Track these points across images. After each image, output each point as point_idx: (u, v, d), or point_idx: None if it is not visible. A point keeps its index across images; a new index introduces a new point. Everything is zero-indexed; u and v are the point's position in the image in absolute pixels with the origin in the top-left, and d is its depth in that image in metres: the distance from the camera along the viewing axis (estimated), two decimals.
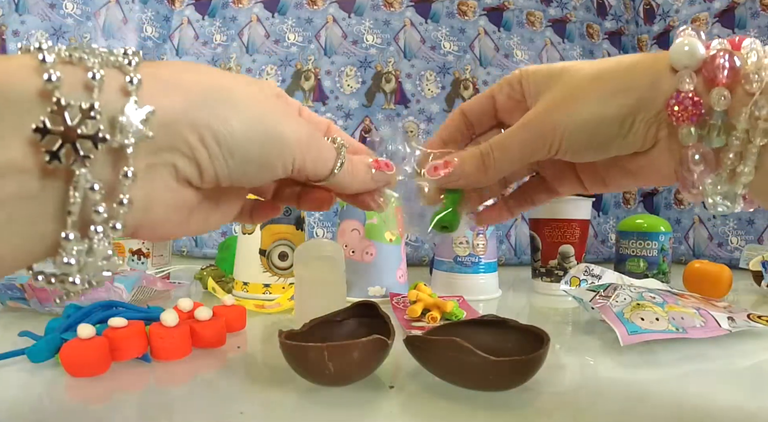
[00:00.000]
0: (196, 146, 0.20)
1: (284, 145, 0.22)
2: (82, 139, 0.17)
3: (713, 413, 0.29)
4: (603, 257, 1.05)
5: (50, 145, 0.16)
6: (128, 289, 0.48)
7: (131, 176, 0.18)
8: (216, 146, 0.20)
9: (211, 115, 0.20)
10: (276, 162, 0.22)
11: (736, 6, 1.02)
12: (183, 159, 0.20)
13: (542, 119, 0.25)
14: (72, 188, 0.17)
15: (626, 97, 0.23)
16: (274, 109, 0.22)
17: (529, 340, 0.31)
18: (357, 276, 0.59)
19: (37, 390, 0.30)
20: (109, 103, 0.18)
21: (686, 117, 0.22)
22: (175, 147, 0.19)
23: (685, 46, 0.22)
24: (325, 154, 0.24)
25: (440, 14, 1.06)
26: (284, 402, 0.28)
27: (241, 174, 0.22)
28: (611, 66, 0.24)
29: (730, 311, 0.46)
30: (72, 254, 0.18)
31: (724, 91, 0.22)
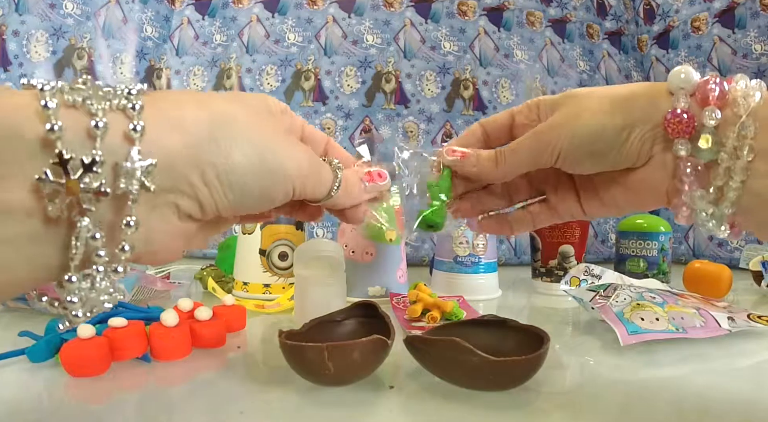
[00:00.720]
0: (197, 185, 0.20)
1: (285, 176, 0.23)
2: (85, 193, 0.17)
3: (713, 413, 0.29)
4: (603, 257, 1.05)
5: (52, 196, 0.17)
6: (128, 289, 0.48)
7: (133, 225, 0.18)
8: (218, 182, 0.21)
9: (213, 152, 0.20)
10: (276, 193, 0.23)
11: (736, 6, 1.02)
12: (185, 198, 0.20)
13: (550, 128, 0.27)
14: (74, 238, 0.17)
15: (626, 112, 0.26)
16: (276, 139, 0.23)
17: (529, 340, 0.31)
18: (357, 276, 0.59)
19: (37, 390, 0.30)
20: (112, 150, 0.18)
21: (681, 130, 0.24)
22: (177, 188, 0.20)
23: (681, 73, 0.25)
24: (324, 177, 0.25)
25: (440, 14, 1.06)
26: (284, 402, 0.28)
27: (241, 205, 0.22)
28: (617, 89, 0.27)
29: (730, 311, 0.46)
30: (75, 293, 0.18)
31: (715, 109, 0.24)
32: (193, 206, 0.21)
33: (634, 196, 0.28)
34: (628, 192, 0.28)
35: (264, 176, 0.22)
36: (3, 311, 0.48)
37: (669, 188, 0.26)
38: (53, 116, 0.16)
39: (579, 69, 1.12)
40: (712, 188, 0.24)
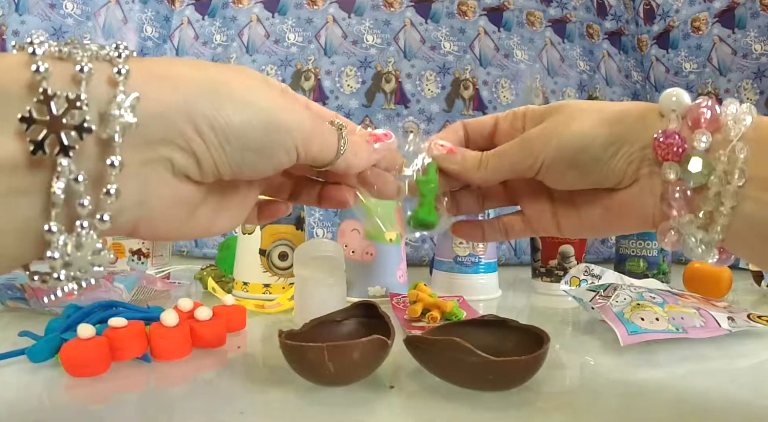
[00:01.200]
0: (191, 137, 0.19)
1: (286, 132, 0.22)
2: (67, 129, 0.17)
3: (713, 413, 0.29)
4: (603, 257, 1.05)
5: (35, 135, 0.16)
6: (128, 289, 0.48)
7: (118, 165, 0.18)
8: (212, 134, 0.20)
9: (206, 105, 0.20)
10: (278, 150, 0.22)
11: (736, 6, 1.02)
12: (179, 152, 0.20)
13: (537, 135, 0.27)
14: (55, 179, 0.17)
15: (616, 127, 0.25)
16: (274, 98, 0.22)
17: (529, 340, 0.31)
18: (357, 276, 0.59)
19: (37, 390, 0.30)
20: (97, 95, 0.17)
21: (670, 153, 0.24)
22: (169, 140, 0.19)
23: (672, 96, 0.25)
24: (328, 138, 0.24)
25: (440, 14, 1.06)
26: (284, 402, 0.28)
27: (241, 163, 0.21)
28: (608, 105, 0.27)
29: (730, 311, 0.46)
30: (56, 248, 0.18)
31: (706, 133, 0.24)
32: (188, 161, 0.20)
33: (615, 218, 0.27)
34: (609, 214, 0.27)
35: (263, 130, 0.21)
36: (3, 311, 0.48)
37: (655, 212, 0.25)
38: (40, 60, 0.16)
39: (579, 69, 1.12)
40: (702, 212, 0.24)
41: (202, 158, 0.20)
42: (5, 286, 0.47)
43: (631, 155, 0.25)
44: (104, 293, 0.46)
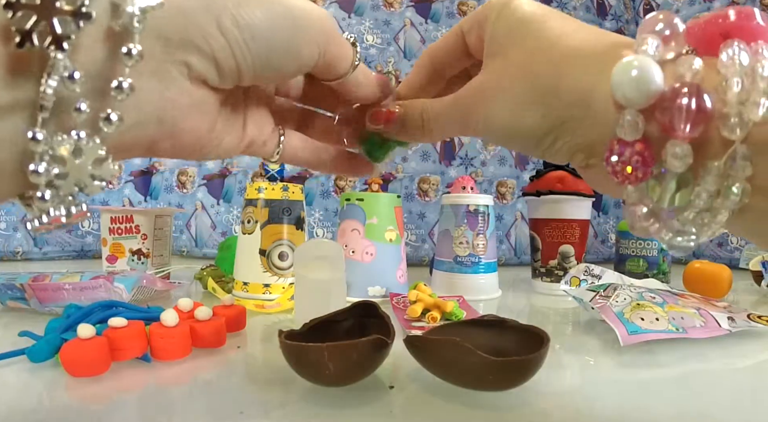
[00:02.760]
0: (213, 35, 0.17)
1: (313, 30, 0.20)
2: (62, 15, 0.14)
3: (713, 413, 0.29)
4: (603, 257, 1.05)
5: (22, 23, 0.14)
6: (128, 289, 0.48)
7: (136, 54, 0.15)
8: (237, 30, 0.18)
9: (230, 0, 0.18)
10: (303, 49, 0.20)
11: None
12: (197, 55, 0.18)
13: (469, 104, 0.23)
14: (45, 76, 0.14)
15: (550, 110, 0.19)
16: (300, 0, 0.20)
17: (529, 340, 0.31)
18: (357, 276, 0.59)
19: (37, 390, 0.30)
20: None
21: (629, 176, 0.17)
22: (188, 41, 0.17)
23: (632, 69, 0.16)
24: (346, 47, 0.23)
25: (440, 14, 1.06)
26: (284, 402, 0.28)
27: (265, 63, 0.20)
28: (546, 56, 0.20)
29: (730, 311, 0.46)
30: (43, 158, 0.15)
31: (684, 146, 0.15)
32: (207, 65, 0.18)
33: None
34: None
35: (290, 26, 0.19)
36: (3, 311, 0.48)
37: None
38: None
39: None
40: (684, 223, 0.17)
41: (223, 59, 0.18)
42: (5, 286, 0.47)
43: (572, 147, 0.19)
44: (104, 293, 0.46)
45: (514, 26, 0.21)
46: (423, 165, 1.00)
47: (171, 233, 0.71)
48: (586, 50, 0.19)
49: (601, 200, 1.08)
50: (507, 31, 0.22)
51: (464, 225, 0.63)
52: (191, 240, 0.99)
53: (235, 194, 0.99)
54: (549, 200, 0.67)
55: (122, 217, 0.64)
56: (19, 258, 0.93)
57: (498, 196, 1.02)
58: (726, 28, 0.16)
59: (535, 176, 0.71)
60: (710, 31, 0.16)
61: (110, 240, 0.64)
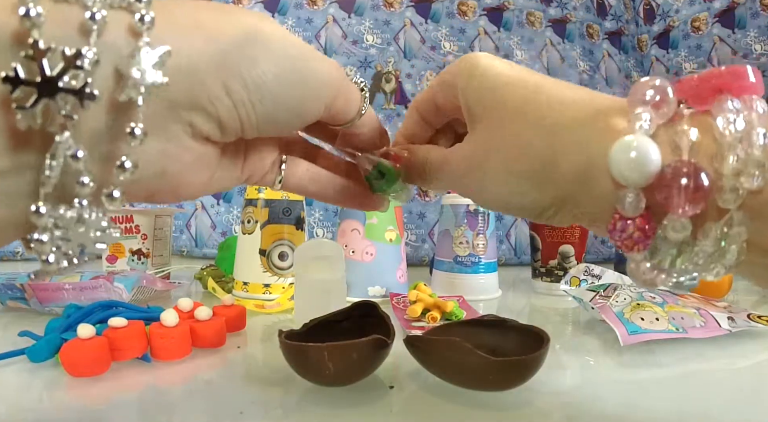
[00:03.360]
0: (220, 97, 0.17)
1: (319, 86, 0.20)
2: (65, 93, 0.13)
3: (713, 413, 0.29)
4: (603, 257, 1.05)
5: (23, 100, 0.13)
6: (128, 289, 0.48)
7: (140, 134, 0.15)
8: (244, 92, 0.18)
9: (239, 57, 0.17)
10: (311, 104, 0.21)
11: (736, 6, 1.02)
12: (202, 116, 0.17)
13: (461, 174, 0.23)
14: (49, 156, 0.14)
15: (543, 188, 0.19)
16: (307, 49, 0.20)
17: (529, 340, 0.31)
18: (357, 276, 0.59)
19: (37, 390, 0.30)
20: (113, 48, 0.14)
21: (632, 247, 0.17)
22: (194, 102, 0.17)
23: (631, 150, 0.16)
24: (354, 96, 0.23)
25: (440, 14, 1.06)
26: (284, 402, 0.28)
27: (272, 121, 0.20)
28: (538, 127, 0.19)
29: (730, 311, 0.46)
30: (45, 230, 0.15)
31: (684, 221, 0.16)
32: (211, 125, 0.18)
33: None
34: None
35: (297, 85, 0.19)
36: (3, 311, 0.48)
37: None
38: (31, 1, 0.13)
39: (579, 69, 1.12)
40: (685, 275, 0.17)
41: (227, 119, 0.18)
42: (5, 286, 0.47)
43: (576, 216, 0.20)
44: (104, 293, 0.46)
45: (491, 88, 0.21)
46: None
47: (171, 233, 0.71)
48: (579, 120, 0.19)
49: None
50: (485, 95, 0.21)
51: (464, 225, 0.63)
52: (191, 240, 0.99)
53: (235, 194, 0.99)
54: None
55: (122, 217, 0.64)
56: (19, 258, 0.93)
57: None
58: (719, 85, 0.17)
59: None
60: (703, 87, 0.17)
61: None
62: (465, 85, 0.22)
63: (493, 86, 0.21)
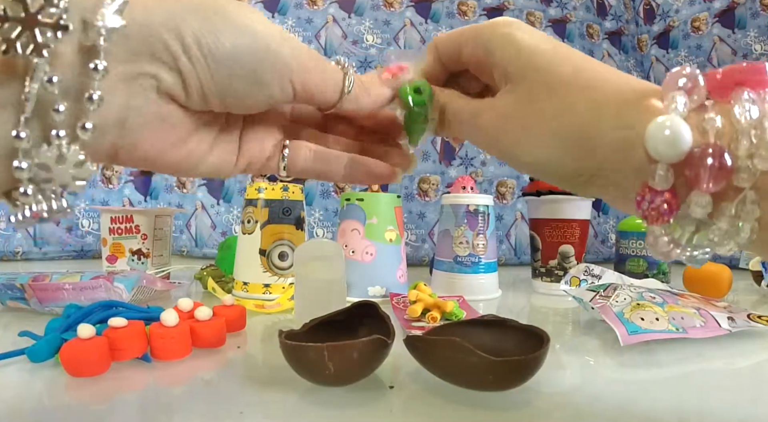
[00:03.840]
0: (177, 53, 0.18)
1: (280, 62, 0.21)
2: (43, 26, 0.16)
3: (713, 413, 0.29)
4: (603, 257, 1.05)
5: (7, 33, 0.16)
6: (128, 289, 0.48)
7: (102, 69, 0.17)
8: (199, 52, 0.19)
9: (195, 21, 0.19)
10: (270, 80, 0.21)
11: (736, 6, 1.02)
12: (165, 70, 0.19)
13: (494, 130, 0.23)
14: (28, 79, 0.16)
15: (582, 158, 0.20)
16: (272, 27, 0.21)
17: (529, 340, 0.31)
18: (357, 276, 0.59)
19: (37, 390, 0.30)
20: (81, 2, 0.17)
21: (657, 218, 0.19)
22: (154, 54, 0.18)
23: (665, 129, 0.18)
24: (330, 75, 0.23)
25: (440, 14, 1.06)
26: (284, 402, 0.28)
27: (230, 90, 0.20)
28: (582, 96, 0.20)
29: (730, 311, 0.46)
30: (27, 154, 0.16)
31: (707, 197, 0.18)
32: (175, 80, 0.19)
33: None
34: None
35: (254, 56, 0.20)
36: (3, 311, 0.48)
37: None
38: None
39: None
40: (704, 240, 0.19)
41: (188, 78, 0.19)
42: (5, 286, 0.47)
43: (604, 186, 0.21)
44: (104, 293, 0.46)
45: (531, 52, 0.22)
46: (423, 165, 1.00)
47: (171, 233, 0.71)
48: (621, 97, 0.20)
49: (601, 200, 1.08)
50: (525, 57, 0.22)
51: (464, 225, 0.63)
52: (191, 240, 0.99)
53: (235, 194, 0.99)
54: (549, 200, 0.67)
55: (122, 217, 0.64)
56: (19, 258, 0.93)
57: (498, 196, 1.02)
58: (739, 79, 0.18)
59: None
60: (725, 81, 0.19)
61: (110, 240, 0.64)
62: (500, 42, 0.23)
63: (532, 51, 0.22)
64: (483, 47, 0.24)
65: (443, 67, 0.27)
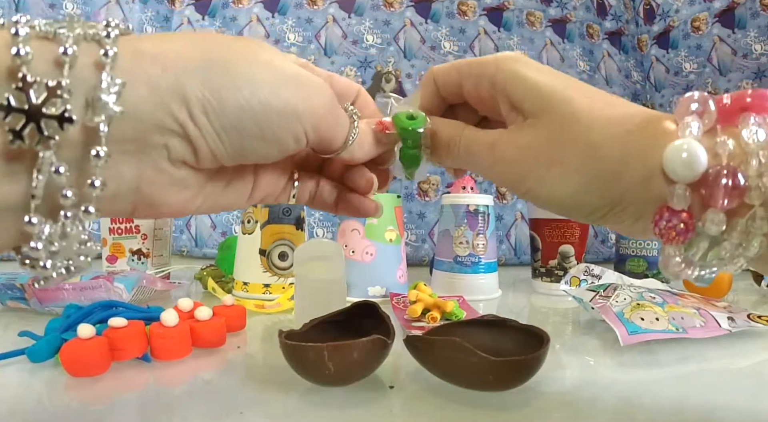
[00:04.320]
0: (185, 122, 0.18)
1: (294, 115, 0.20)
2: (47, 119, 0.16)
3: (713, 413, 0.29)
4: (603, 257, 1.05)
5: (13, 124, 0.16)
6: (128, 289, 0.48)
7: (103, 156, 0.17)
8: (206, 121, 0.18)
9: (198, 86, 0.18)
10: (285, 135, 0.20)
11: (736, 6, 1.02)
12: (175, 139, 0.18)
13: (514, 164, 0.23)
14: (36, 171, 0.16)
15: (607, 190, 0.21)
16: (282, 77, 0.20)
17: (529, 340, 0.31)
18: (357, 276, 0.59)
19: (37, 390, 0.30)
20: (83, 80, 0.16)
21: (674, 238, 0.20)
22: (163, 125, 0.18)
23: (683, 151, 0.19)
24: (341, 125, 0.23)
25: (440, 14, 1.06)
26: (284, 402, 0.28)
27: (241, 151, 0.20)
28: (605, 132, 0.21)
29: (730, 311, 0.46)
30: (40, 238, 0.17)
31: (721, 215, 0.19)
32: (184, 148, 0.19)
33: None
34: None
35: (266, 115, 0.19)
36: (3, 311, 0.48)
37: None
38: (22, 42, 0.15)
39: (579, 69, 1.12)
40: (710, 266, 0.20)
41: (198, 144, 0.19)
42: (5, 286, 0.47)
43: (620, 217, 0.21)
44: (104, 293, 0.46)
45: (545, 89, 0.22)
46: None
47: (171, 233, 0.71)
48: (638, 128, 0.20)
49: None
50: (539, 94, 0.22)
51: (464, 225, 0.63)
52: (191, 240, 0.99)
53: None
54: None
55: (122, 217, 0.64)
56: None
57: (498, 196, 1.02)
58: (744, 105, 0.19)
59: None
60: (732, 107, 0.20)
61: (110, 240, 0.64)
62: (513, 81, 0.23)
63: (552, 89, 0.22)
64: (488, 82, 0.24)
65: (441, 99, 0.27)
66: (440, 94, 0.27)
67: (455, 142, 0.25)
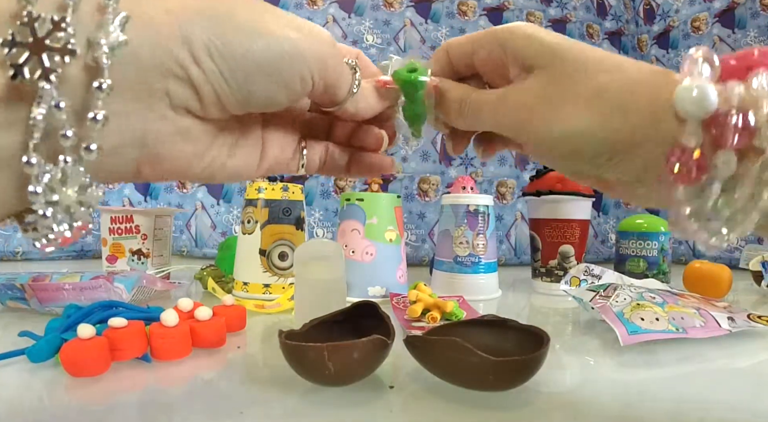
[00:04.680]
0: (187, 65, 0.18)
1: (301, 58, 0.20)
2: (50, 51, 0.16)
3: (713, 413, 0.29)
4: (603, 257, 1.05)
5: (15, 58, 0.15)
6: (128, 289, 0.48)
7: (106, 87, 0.16)
8: (212, 63, 0.18)
9: (207, 29, 0.18)
10: (292, 77, 0.20)
11: (736, 6, 1.02)
12: (176, 83, 0.18)
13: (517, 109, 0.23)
14: (36, 104, 0.16)
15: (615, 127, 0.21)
16: (288, 23, 0.20)
17: (529, 340, 0.31)
18: (357, 276, 0.59)
19: (37, 390, 0.30)
20: (85, 21, 0.16)
21: (686, 178, 0.19)
22: (164, 68, 0.18)
23: (693, 90, 0.19)
24: (345, 69, 0.23)
25: (440, 14, 1.06)
26: (284, 402, 0.28)
27: (248, 95, 0.20)
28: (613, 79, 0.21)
29: (730, 311, 0.46)
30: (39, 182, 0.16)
31: (732, 155, 0.19)
32: (188, 93, 0.18)
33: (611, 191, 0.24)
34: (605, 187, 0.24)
35: (274, 57, 0.19)
36: (3, 311, 0.48)
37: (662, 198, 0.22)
38: None
39: None
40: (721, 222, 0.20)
41: (202, 87, 0.19)
42: (5, 286, 0.47)
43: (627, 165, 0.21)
44: (104, 293, 0.46)
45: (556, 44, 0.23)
46: (423, 165, 1.00)
47: (171, 233, 0.71)
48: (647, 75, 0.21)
49: (601, 200, 1.08)
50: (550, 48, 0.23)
51: (464, 225, 0.63)
52: (191, 240, 0.99)
53: (235, 194, 0.99)
54: (549, 200, 0.67)
55: (122, 217, 0.64)
56: (19, 258, 0.93)
57: (498, 196, 1.02)
58: (751, 63, 0.19)
59: (535, 176, 0.71)
60: (738, 64, 0.20)
61: (110, 240, 0.64)
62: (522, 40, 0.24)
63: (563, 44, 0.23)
64: (500, 47, 0.24)
65: (453, 70, 0.28)
66: (452, 66, 0.27)
67: (465, 102, 0.25)
